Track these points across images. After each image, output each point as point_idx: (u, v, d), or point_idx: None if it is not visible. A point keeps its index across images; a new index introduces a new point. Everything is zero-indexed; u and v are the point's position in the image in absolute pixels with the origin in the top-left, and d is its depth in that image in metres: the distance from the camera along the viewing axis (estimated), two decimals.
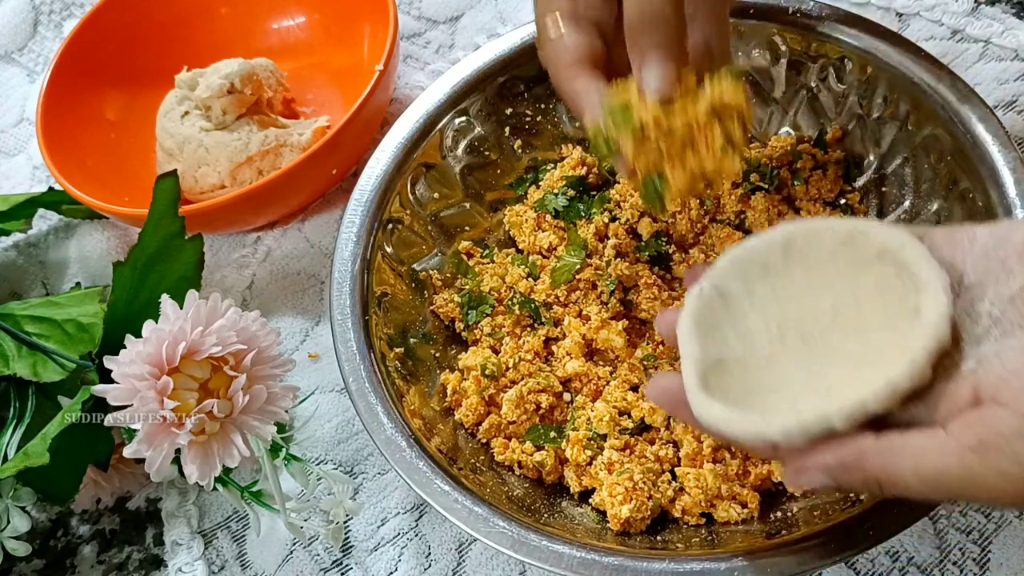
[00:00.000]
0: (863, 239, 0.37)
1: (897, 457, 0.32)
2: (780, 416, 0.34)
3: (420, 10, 0.79)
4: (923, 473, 0.32)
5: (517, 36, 0.61)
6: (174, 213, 0.49)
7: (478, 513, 0.44)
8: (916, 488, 0.32)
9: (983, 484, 0.31)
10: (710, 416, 0.36)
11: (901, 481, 0.32)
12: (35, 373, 0.52)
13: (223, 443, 0.44)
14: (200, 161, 0.66)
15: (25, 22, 0.87)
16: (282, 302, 0.65)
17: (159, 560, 0.56)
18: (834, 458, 0.34)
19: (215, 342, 0.43)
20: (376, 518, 0.54)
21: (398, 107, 0.68)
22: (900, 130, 0.54)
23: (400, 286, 0.57)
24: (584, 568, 0.41)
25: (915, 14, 0.67)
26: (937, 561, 0.47)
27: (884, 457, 0.32)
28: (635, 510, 0.46)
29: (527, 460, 0.50)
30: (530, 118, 0.63)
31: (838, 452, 0.34)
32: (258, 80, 0.67)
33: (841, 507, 0.43)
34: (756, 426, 0.35)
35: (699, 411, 0.37)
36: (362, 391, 0.49)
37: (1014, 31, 0.64)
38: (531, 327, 0.56)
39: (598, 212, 0.59)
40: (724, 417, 0.36)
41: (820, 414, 0.33)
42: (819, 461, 0.34)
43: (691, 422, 0.39)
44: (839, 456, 0.33)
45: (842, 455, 0.33)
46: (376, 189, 0.57)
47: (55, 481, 0.49)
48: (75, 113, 0.71)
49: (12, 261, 0.71)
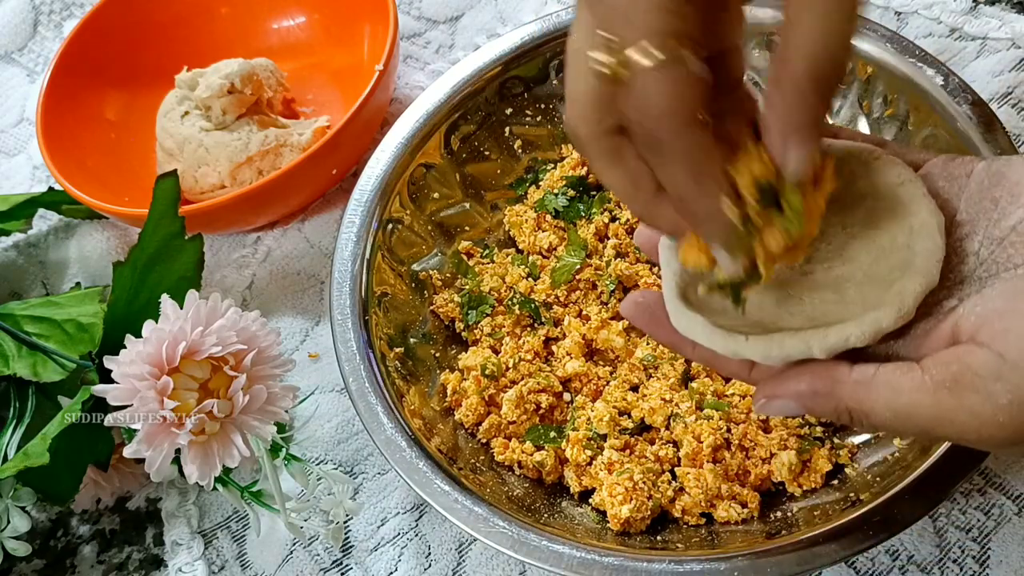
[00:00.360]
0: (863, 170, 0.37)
1: (871, 390, 0.32)
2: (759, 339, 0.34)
3: (420, 10, 0.79)
4: (895, 407, 0.32)
5: (517, 36, 0.61)
6: (174, 213, 0.50)
7: (478, 513, 0.44)
8: (886, 421, 0.32)
9: (953, 421, 0.30)
10: (690, 326, 0.35)
11: (872, 413, 0.32)
12: (35, 373, 0.52)
13: (223, 443, 0.44)
14: (200, 161, 0.66)
15: (25, 22, 0.87)
16: (282, 302, 0.65)
17: (159, 560, 0.56)
18: (808, 385, 0.33)
19: (215, 342, 0.43)
20: (376, 518, 0.54)
21: (398, 107, 0.68)
22: (900, 130, 0.54)
23: (400, 286, 0.57)
24: (584, 568, 0.41)
25: (913, 12, 0.67)
26: (937, 559, 0.47)
27: (858, 389, 0.32)
28: (635, 510, 0.46)
29: (527, 460, 0.50)
30: (530, 118, 0.63)
31: (812, 380, 0.33)
32: (258, 80, 0.67)
33: (841, 507, 0.43)
34: (736, 343, 0.34)
35: (678, 321, 0.36)
36: (362, 391, 0.49)
37: (1011, 23, 0.63)
38: (531, 327, 0.56)
39: (598, 212, 0.59)
40: (705, 329, 0.35)
41: (802, 340, 0.33)
42: (792, 388, 0.34)
43: (665, 339, 0.38)
44: (813, 384, 0.33)
45: (816, 383, 0.33)
46: (376, 189, 0.57)
47: (55, 481, 0.49)
48: (75, 113, 0.71)
49: (12, 261, 0.71)
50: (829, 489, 0.46)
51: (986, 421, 0.30)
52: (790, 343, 0.33)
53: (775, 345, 0.33)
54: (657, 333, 0.38)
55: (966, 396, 0.30)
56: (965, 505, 0.48)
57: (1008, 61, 0.62)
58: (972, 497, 0.48)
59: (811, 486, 0.47)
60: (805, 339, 0.33)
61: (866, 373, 0.33)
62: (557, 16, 0.61)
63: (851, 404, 0.33)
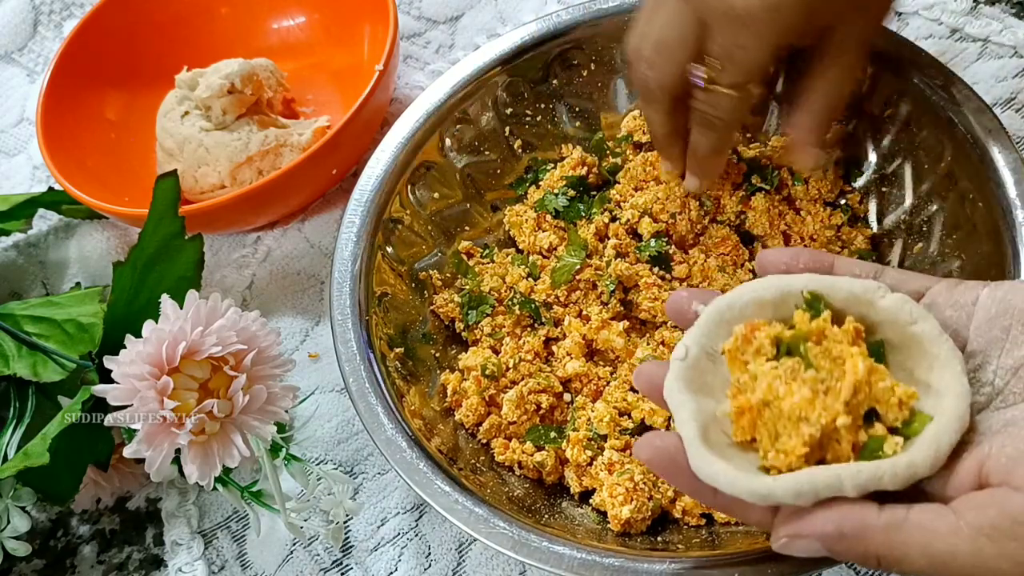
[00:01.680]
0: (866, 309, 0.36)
1: (904, 535, 0.31)
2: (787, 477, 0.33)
3: (420, 10, 0.79)
4: (931, 554, 0.31)
5: (517, 36, 0.61)
6: (174, 213, 0.49)
7: (478, 514, 0.44)
8: (920, 568, 0.31)
9: (994, 569, 0.30)
10: (712, 475, 0.34)
11: (905, 560, 0.31)
12: (35, 373, 0.52)
13: (223, 443, 0.44)
14: (200, 161, 0.66)
15: (25, 22, 0.87)
16: (282, 302, 0.65)
17: (159, 560, 0.56)
18: (835, 527, 0.32)
19: (215, 342, 0.43)
20: (376, 518, 0.54)
21: (398, 107, 0.68)
22: (901, 131, 0.54)
23: (400, 286, 0.56)
24: (585, 569, 0.41)
25: (914, 13, 0.67)
26: None
27: (890, 534, 0.31)
28: (636, 511, 0.46)
29: (527, 460, 0.50)
30: (530, 118, 0.63)
31: (840, 521, 0.32)
32: (258, 80, 0.67)
33: None
34: (763, 484, 0.33)
35: (699, 466, 0.34)
36: (362, 391, 0.49)
37: (1013, 29, 0.64)
38: (531, 327, 0.56)
39: (598, 212, 0.59)
40: (727, 475, 0.33)
41: (833, 475, 0.32)
42: (819, 528, 0.32)
43: (685, 486, 0.36)
44: (841, 525, 0.32)
45: (844, 524, 0.32)
46: (376, 189, 0.57)
47: (55, 481, 0.49)
48: (75, 113, 0.71)
49: (12, 261, 0.71)
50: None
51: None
52: (821, 477, 0.32)
53: (805, 480, 0.32)
54: (676, 480, 0.36)
55: (1007, 544, 0.29)
56: None
57: (1011, 68, 0.62)
58: None
59: None
60: (836, 473, 0.32)
61: (897, 516, 0.31)
62: (557, 16, 0.61)
63: (881, 550, 0.31)
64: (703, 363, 0.37)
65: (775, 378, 0.34)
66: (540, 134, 0.63)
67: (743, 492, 0.33)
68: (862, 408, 0.33)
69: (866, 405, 0.34)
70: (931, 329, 0.34)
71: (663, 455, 0.36)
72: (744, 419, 0.35)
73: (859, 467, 0.32)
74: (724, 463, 0.34)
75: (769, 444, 0.34)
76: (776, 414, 0.34)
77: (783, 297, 0.37)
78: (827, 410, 0.33)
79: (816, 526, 0.32)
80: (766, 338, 0.35)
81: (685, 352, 0.37)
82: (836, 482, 0.32)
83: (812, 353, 0.34)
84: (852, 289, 0.36)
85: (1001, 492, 0.30)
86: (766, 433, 0.34)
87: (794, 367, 0.34)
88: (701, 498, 0.36)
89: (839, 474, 0.32)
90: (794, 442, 0.33)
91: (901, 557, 0.31)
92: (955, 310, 0.35)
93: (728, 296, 0.38)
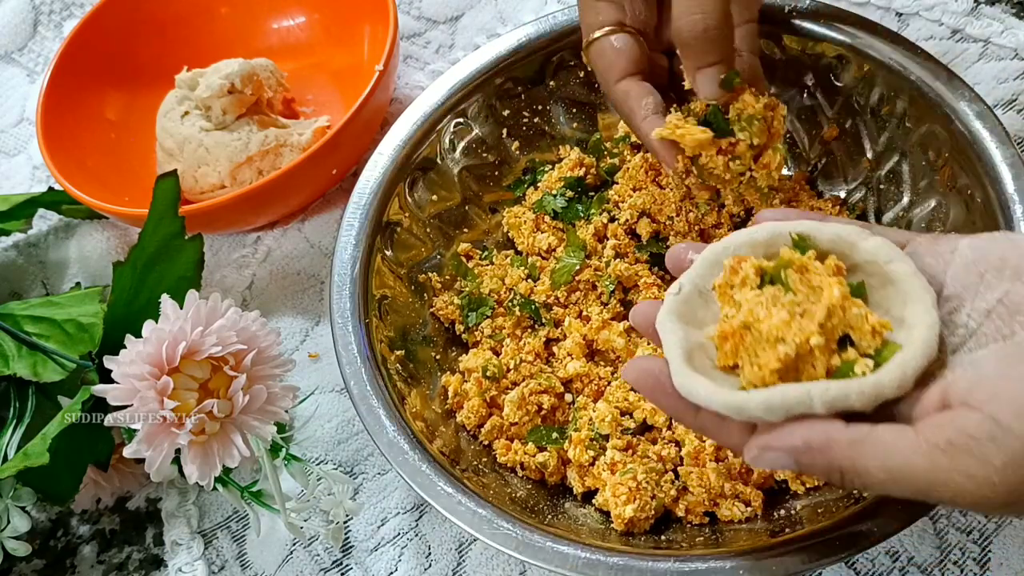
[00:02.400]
0: (849, 250, 0.37)
1: (866, 448, 0.33)
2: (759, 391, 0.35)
3: (420, 10, 0.79)
4: (889, 467, 0.32)
5: (517, 36, 0.61)
6: (174, 213, 0.49)
7: (481, 515, 0.44)
8: (879, 481, 0.33)
9: (948, 483, 0.31)
10: (692, 388, 0.36)
11: (865, 473, 0.33)
12: (35, 373, 0.52)
13: (223, 443, 0.44)
14: (200, 161, 0.66)
15: (25, 22, 0.87)
16: (282, 302, 0.65)
17: (159, 560, 0.56)
18: (803, 440, 0.34)
19: (215, 342, 0.43)
20: (376, 518, 0.54)
21: (398, 107, 0.68)
22: (898, 127, 0.55)
23: (400, 289, 0.56)
24: (589, 568, 0.41)
25: (915, 13, 0.67)
26: (938, 561, 0.47)
27: (853, 447, 0.33)
28: (639, 510, 0.46)
29: (529, 461, 0.50)
30: (528, 119, 0.63)
31: (807, 434, 0.34)
32: (258, 80, 0.67)
33: (844, 504, 0.43)
34: (736, 397, 0.35)
35: (681, 382, 0.36)
36: (364, 394, 0.49)
37: (1014, 30, 0.64)
38: (531, 328, 0.56)
39: (597, 213, 0.59)
40: (706, 389, 0.35)
41: (803, 391, 0.34)
42: (787, 441, 0.34)
43: (667, 405, 0.38)
44: (808, 438, 0.34)
45: (811, 437, 0.33)
46: (375, 192, 0.57)
47: (55, 481, 0.49)
48: (75, 113, 0.71)
49: (12, 261, 0.71)
50: (832, 487, 0.46)
51: (981, 483, 0.31)
52: (792, 392, 0.34)
53: (777, 394, 0.34)
54: (658, 399, 0.38)
55: (961, 458, 0.31)
56: None
57: (1013, 70, 0.62)
58: None
59: (814, 484, 0.47)
60: (807, 389, 0.34)
61: (861, 432, 0.33)
62: (556, 17, 0.61)
63: (844, 463, 0.33)
64: (695, 300, 0.39)
65: (757, 303, 0.36)
66: (538, 135, 0.63)
67: (719, 405, 0.35)
68: (836, 332, 0.35)
69: (840, 330, 0.35)
70: (906, 268, 0.36)
71: (648, 375, 0.38)
72: (728, 344, 0.36)
73: (828, 384, 0.34)
74: (703, 378, 0.36)
75: (749, 367, 0.36)
76: (756, 337, 0.36)
77: (773, 239, 0.39)
78: (802, 331, 0.35)
79: (785, 439, 0.34)
80: (751, 267, 0.37)
81: (679, 288, 0.39)
82: (806, 398, 0.33)
83: (792, 280, 0.36)
84: (838, 231, 0.38)
85: (959, 411, 0.32)
86: (747, 356, 0.36)
87: (775, 293, 0.36)
88: (683, 419, 0.39)
89: (809, 390, 0.34)
90: (769, 358, 0.35)
91: (862, 470, 0.33)
92: (934, 258, 0.37)
93: (723, 240, 0.40)
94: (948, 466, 0.31)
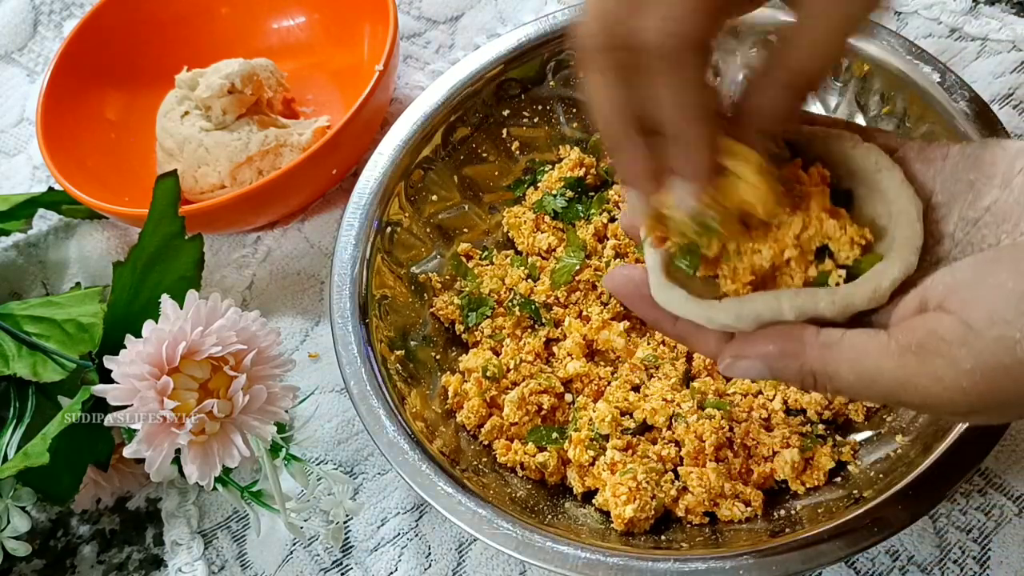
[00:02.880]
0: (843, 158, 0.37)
1: (836, 351, 0.32)
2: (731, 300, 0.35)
3: (420, 10, 0.79)
4: (859, 370, 0.32)
5: (517, 36, 0.61)
6: (174, 213, 0.49)
7: (482, 515, 0.44)
8: (849, 384, 0.32)
9: (916, 386, 0.31)
10: (669, 298, 0.36)
11: (836, 376, 0.33)
12: (35, 373, 0.52)
13: (223, 443, 0.44)
14: (200, 161, 0.66)
15: (25, 22, 0.87)
16: (282, 302, 0.65)
17: (159, 560, 0.56)
18: (775, 346, 0.34)
19: (215, 342, 0.43)
20: (376, 518, 0.54)
21: (398, 107, 0.68)
22: (898, 127, 0.55)
23: (400, 289, 0.56)
24: (589, 568, 0.41)
25: (913, 12, 0.67)
26: (937, 560, 0.47)
27: (824, 350, 0.33)
28: (639, 510, 0.46)
29: (529, 461, 0.50)
30: (527, 119, 0.63)
31: (779, 340, 0.34)
32: (258, 80, 0.67)
33: (844, 504, 0.43)
34: (710, 308, 0.35)
35: (658, 293, 0.37)
36: (364, 394, 0.49)
37: (1012, 27, 0.64)
38: (531, 328, 0.56)
39: (597, 213, 0.59)
40: (681, 298, 0.36)
41: (773, 297, 0.34)
42: (760, 348, 0.34)
43: (646, 314, 0.39)
44: (780, 344, 0.34)
45: (783, 343, 0.34)
46: (375, 192, 0.57)
47: (55, 481, 0.49)
48: (75, 113, 0.71)
49: (12, 261, 0.71)
50: (832, 487, 0.46)
51: (949, 386, 0.30)
52: (761, 300, 0.34)
53: (747, 303, 0.34)
54: (639, 307, 0.39)
55: (931, 360, 0.30)
56: (966, 506, 0.48)
57: (1009, 63, 0.62)
58: (972, 498, 0.48)
59: (814, 484, 0.47)
60: (776, 296, 0.34)
61: (833, 336, 0.33)
62: (556, 17, 0.61)
63: (816, 366, 0.33)
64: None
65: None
66: (538, 135, 0.63)
67: (692, 314, 0.36)
68: (813, 243, 0.35)
69: (818, 241, 0.35)
70: (894, 177, 0.36)
71: (629, 283, 0.39)
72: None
73: (797, 291, 0.34)
74: (680, 290, 0.36)
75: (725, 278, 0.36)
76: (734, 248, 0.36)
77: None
78: (777, 242, 0.35)
79: (757, 346, 0.34)
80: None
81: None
82: (775, 304, 0.34)
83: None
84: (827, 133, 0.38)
85: (932, 315, 0.31)
86: (726, 268, 0.36)
87: None
88: (661, 327, 0.39)
89: (779, 296, 0.34)
90: (744, 266, 0.35)
91: (833, 373, 0.33)
92: (924, 164, 0.36)
93: None
94: (917, 368, 0.31)
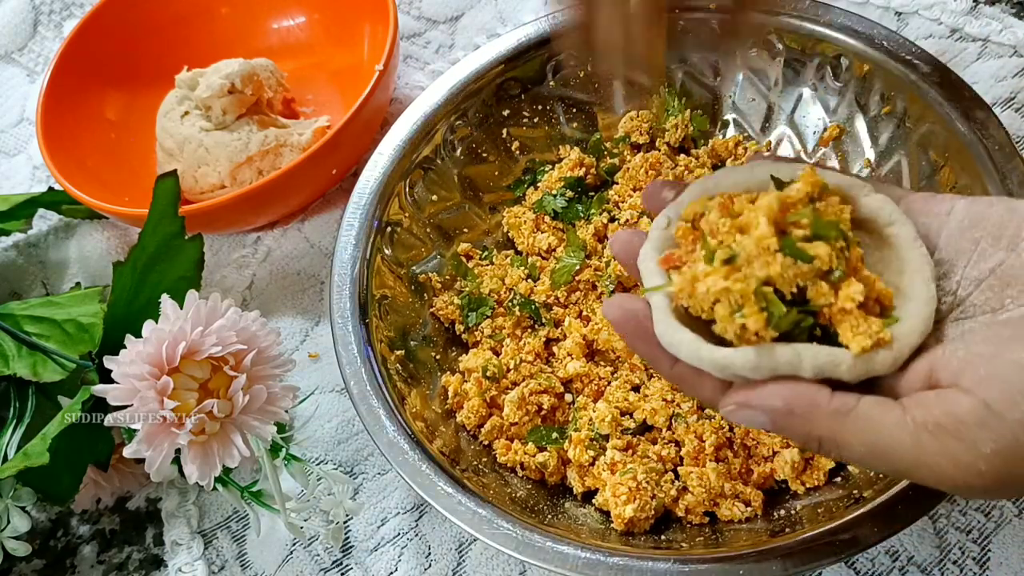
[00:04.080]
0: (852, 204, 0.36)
1: (849, 422, 0.32)
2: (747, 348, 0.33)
3: (420, 10, 0.79)
4: (871, 443, 0.31)
5: (517, 36, 0.61)
6: (174, 213, 0.49)
7: (482, 515, 0.44)
8: (859, 456, 0.32)
9: (932, 466, 0.30)
10: (677, 342, 0.34)
11: (846, 446, 0.32)
12: (35, 373, 0.52)
13: (223, 443, 0.44)
14: (200, 161, 0.66)
15: (25, 22, 0.87)
16: (282, 302, 0.65)
17: (159, 560, 0.56)
18: (784, 403, 0.32)
19: (215, 342, 0.43)
20: (376, 518, 0.54)
21: (398, 107, 0.68)
22: (898, 127, 0.55)
23: (400, 289, 0.56)
24: (589, 568, 0.41)
25: (914, 12, 0.67)
26: (937, 560, 0.47)
27: (835, 419, 0.32)
28: (639, 510, 0.46)
29: (529, 461, 0.50)
30: (527, 119, 0.63)
31: (790, 398, 0.32)
32: (258, 80, 0.67)
33: (844, 504, 0.43)
34: (723, 354, 0.33)
35: (663, 332, 0.35)
36: (364, 394, 0.49)
37: (1012, 29, 0.64)
38: (532, 328, 0.56)
39: (597, 213, 0.59)
40: (691, 343, 0.34)
41: (793, 352, 0.32)
42: (768, 401, 0.33)
43: (644, 352, 0.37)
44: (790, 402, 0.32)
45: (794, 402, 0.32)
46: (375, 192, 0.57)
47: (55, 481, 0.49)
48: (75, 113, 0.71)
49: (12, 261, 0.71)
50: (832, 486, 0.46)
51: (966, 469, 0.30)
52: (781, 352, 0.32)
53: (765, 356, 0.32)
54: (638, 345, 0.37)
55: (949, 442, 0.30)
56: (965, 507, 0.48)
57: (1011, 68, 0.62)
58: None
59: (814, 484, 0.47)
60: (797, 351, 0.32)
61: (847, 403, 0.32)
62: (556, 17, 0.61)
63: (824, 433, 0.32)
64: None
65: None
66: (538, 135, 0.63)
67: (705, 361, 0.33)
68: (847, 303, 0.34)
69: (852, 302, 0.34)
70: (907, 233, 0.35)
71: (631, 317, 0.37)
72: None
73: (819, 349, 0.32)
74: (690, 333, 0.34)
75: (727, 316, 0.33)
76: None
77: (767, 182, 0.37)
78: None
79: (766, 398, 0.33)
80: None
81: (667, 222, 0.38)
82: (795, 359, 0.32)
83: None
84: (839, 182, 0.36)
85: (950, 393, 0.31)
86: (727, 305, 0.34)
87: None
88: (658, 366, 0.37)
89: (799, 352, 0.32)
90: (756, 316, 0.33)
91: (842, 443, 0.32)
92: (928, 217, 0.36)
93: (716, 174, 0.38)
94: (934, 449, 0.30)
